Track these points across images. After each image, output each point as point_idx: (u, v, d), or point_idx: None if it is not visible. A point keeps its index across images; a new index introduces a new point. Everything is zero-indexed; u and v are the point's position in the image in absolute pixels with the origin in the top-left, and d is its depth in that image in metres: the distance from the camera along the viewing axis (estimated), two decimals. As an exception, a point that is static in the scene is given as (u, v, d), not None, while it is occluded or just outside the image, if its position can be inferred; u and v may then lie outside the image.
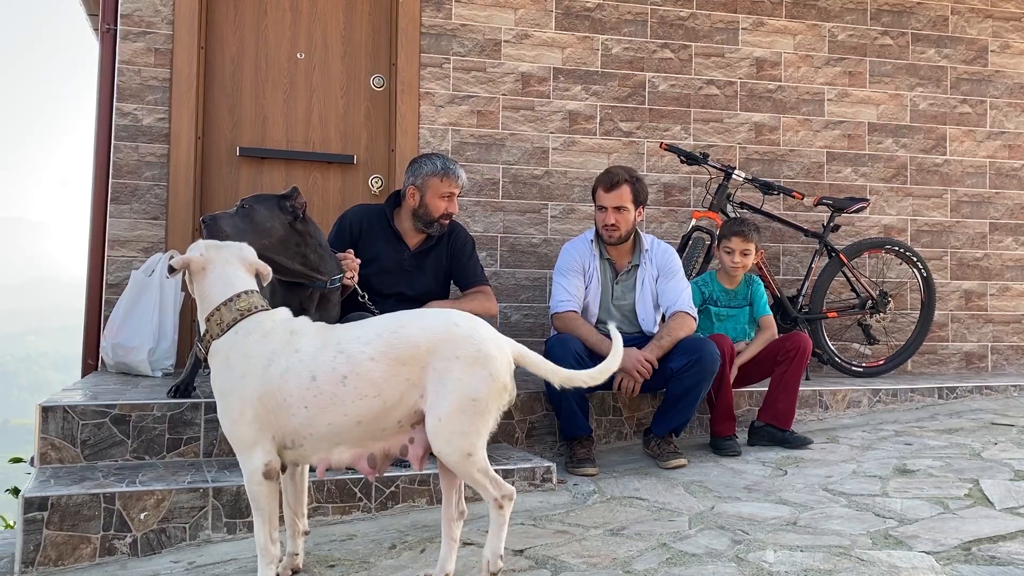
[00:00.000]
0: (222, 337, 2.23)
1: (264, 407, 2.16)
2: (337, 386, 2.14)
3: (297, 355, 2.18)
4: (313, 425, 2.16)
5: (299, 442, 2.19)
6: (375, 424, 2.17)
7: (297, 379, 2.16)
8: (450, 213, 3.51)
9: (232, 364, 2.21)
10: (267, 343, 2.21)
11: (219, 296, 2.26)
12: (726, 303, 4.08)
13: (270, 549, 2.22)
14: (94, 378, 4.02)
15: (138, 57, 4.39)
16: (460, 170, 3.53)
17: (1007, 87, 5.60)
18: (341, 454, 2.21)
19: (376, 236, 3.53)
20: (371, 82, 4.74)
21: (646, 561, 2.42)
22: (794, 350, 3.82)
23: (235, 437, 2.21)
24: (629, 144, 4.99)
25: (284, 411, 2.16)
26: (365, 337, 2.18)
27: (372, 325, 2.23)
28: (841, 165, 5.31)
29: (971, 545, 2.45)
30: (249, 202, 2.86)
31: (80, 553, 2.64)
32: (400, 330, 2.18)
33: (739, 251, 3.99)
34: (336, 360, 2.15)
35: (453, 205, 3.51)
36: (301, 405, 2.15)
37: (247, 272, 2.34)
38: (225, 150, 4.57)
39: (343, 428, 2.16)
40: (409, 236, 3.54)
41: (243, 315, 2.24)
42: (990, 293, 5.52)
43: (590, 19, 4.96)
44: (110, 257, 4.33)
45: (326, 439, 2.18)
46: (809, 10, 5.30)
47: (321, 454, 2.21)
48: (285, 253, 2.92)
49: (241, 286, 2.29)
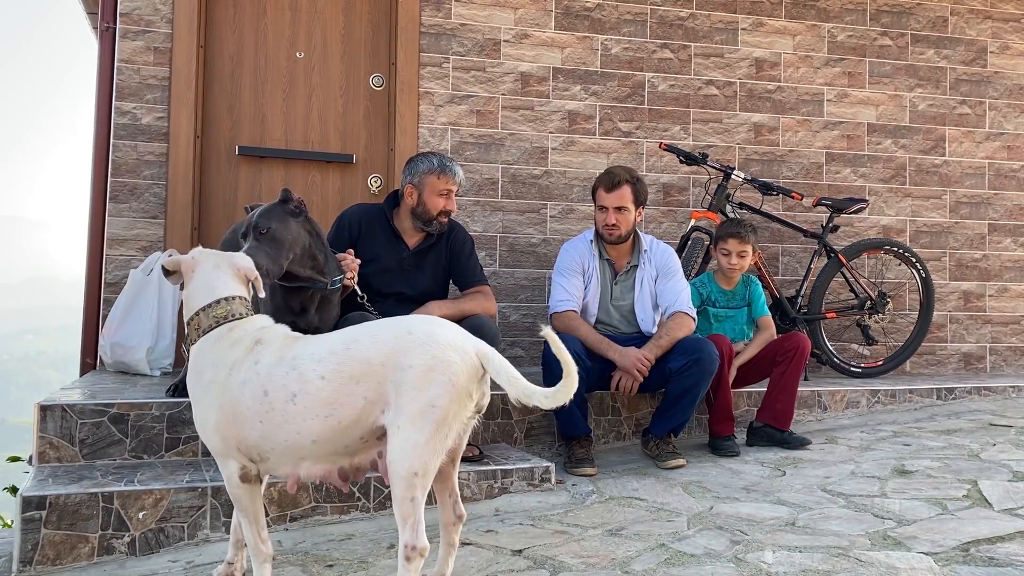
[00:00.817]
0: (197, 343, 2.22)
1: (225, 417, 2.12)
2: (288, 404, 2.06)
3: (255, 367, 2.11)
4: (271, 440, 2.09)
5: (263, 455, 2.13)
6: (334, 442, 2.08)
7: (252, 393, 2.09)
8: (448, 211, 3.51)
9: (201, 371, 2.18)
10: (233, 351, 2.15)
11: (200, 301, 2.24)
12: (724, 304, 4.09)
13: (260, 548, 2.20)
14: (92, 377, 4.01)
15: (137, 56, 4.39)
16: (457, 167, 3.53)
17: (1006, 88, 5.60)
18: (309, 468, 2.12)
19: (375, 235, 3.52)
20: (370, 81, 4.74)
21: (645, 561, 2.42)
22: (793, 350, 3.82)
23: (207, 443, 2.20)
24: (628, 144, 4.99)
25: (242, 424, 2.11)
26: (318, 354, 2.09)
27: (327, 341, 2.14)
28: (840, 166, 5.31)
29: (969, 546, 2.45)
30: (263, 224, 2.76)
31: (78, 552, 2.64)
32: (353, 346, 2.08)
33: (736, 252, 4.00)
34: (288, 377, 2.07)
35: (451, 203, 3.51)
36: (256, 420, 2.09)
37: (236, 279, 2.29)
38: (224, 149, 4.56)
39: (300, 445, 2.08)
40: (408, 235, 3.54)
41: (218, 322, 2.21)
42: (989, 294, 5.52)
43: (590, 19, 4.96)
44: (109, 256, 4.32)
45: (287, 454, 2.10)
46: (809, 10, 5.30)
47: (287, 468, 2.13)
48: (302, 261, 2.90)
49: (223, 292, 2.24)
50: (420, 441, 2.00)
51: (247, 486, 2.17)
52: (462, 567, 2.39)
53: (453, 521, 2.24)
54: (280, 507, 2.86)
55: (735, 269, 4.02)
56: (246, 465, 2.16)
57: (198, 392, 2.18)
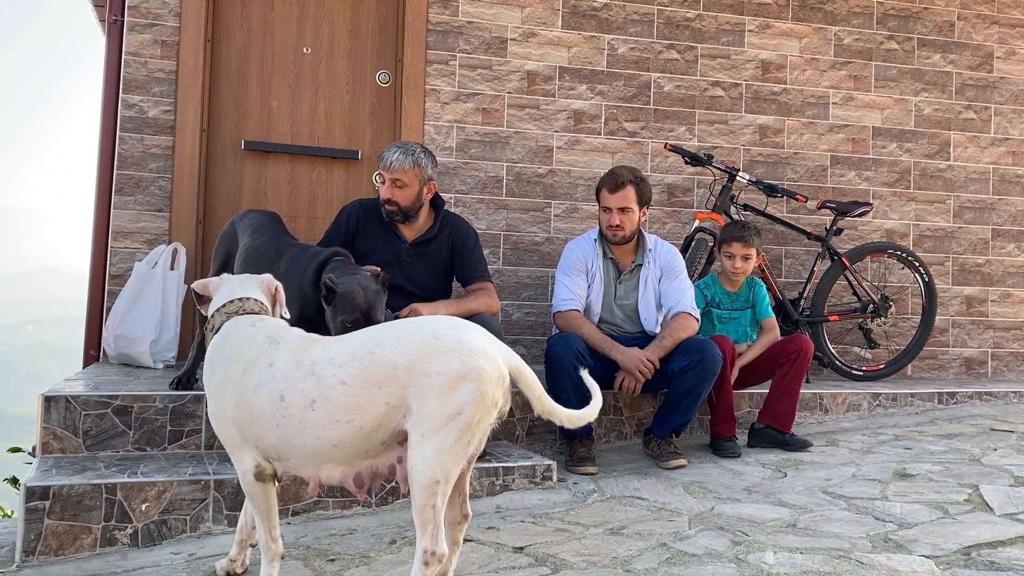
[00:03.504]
0: (212, 339, 2.23)
1: (241, 416, 2.11)
2: (306, 410, 2.03)
3: (270, 369, 2.09)
4: (290, 444, 2.07)
5: (283, 456, 2.11)
6: (356, 447, 2.05)
7: (268, 396, 2.07)
8: (384, 198, 3.43)
9: (215, 367, 2.18)
10: (246, 348, 2.14)
11: (219, 302, 2.26)
12: (728, 306, 4.09)
13: (271, 546, 2.20)
14: (96, 369, 4.02)
15: (144, 49, 4.39)
16: (391, 154, 3.39)
17: (1012, 93, 5.60)
18: (330, 471, 2.10)
19: (372, 229, 3.53)
20: (377, 78, 4.74)
21: (646, 560, 2.42)
22: (796, 352, 3.82)
23: (222, 438, 2.20)
24: (633, 144, 4.99)
25: (259, 426, 2.09)
26: (339, 359, 2.04)
27: (348, 344, 2.08)
28: (845, 169, 5.31)
29: (971, 550, 2.45)
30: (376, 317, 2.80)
31: (81, 543, 2.64)
32: (376, 350, 2.02)
33: (740, 256, 4.00)
34: (306, 383, 2.04)
35: (384, 190, 3.42)
36: (273, 423, 2.07)
37: (260, 289, 2.32)
38: (230, 143, 4.57)
39: (321, 450, 2.05)
40: (404, 229, 3.54)
41: (229, 317, 2.22)
42: (991, 299, 5.52)
43: (597, 19, 4.96)
44: (113, 248, 4.33)
45: (308, 458, 2.08)
46: (816, 13, 5.30)
47: (309, 470, 2.11)
48: None
49: (239, 293, 2.26)
50: (443, 448, 1.96)
51: (261, 484, 2.17)
52: (464, 563, 2.40)
53: (459, 520, 2.21)
54: (283, 501, 2.86)
55: (739, 272, 4.03)
56: (261, 463, 2.15)
57: (212, 387, 2.19)
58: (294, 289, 2.97)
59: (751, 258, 4.03)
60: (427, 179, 3.45)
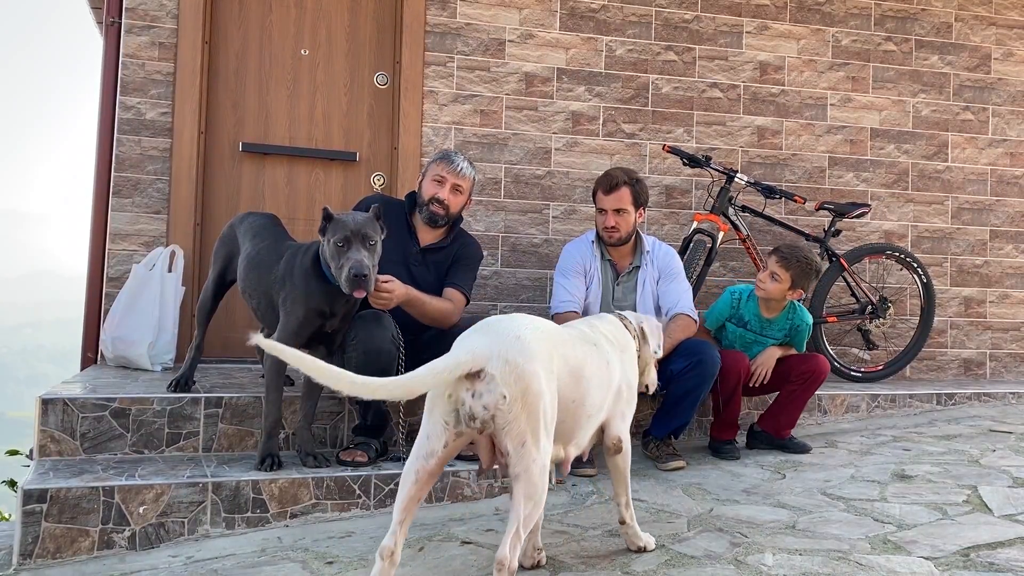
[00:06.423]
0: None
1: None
2: None
3: None
4: None
5: None
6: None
7: None
8: (439, 198, 3.46)
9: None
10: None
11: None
12: (757, 329, 3.85)
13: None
14: (93, 371, 4.01)
15: (142, 51, 4.39)
16: (461, 161, 3.49)
17: (1009, 95, 5.61)
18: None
19: (390, 227, 3.53)
20: (375, 80, 4.74)
21: (645, 562, 2.42)
22: (810, 374, 3.75)
23: None
24: (631, 146, 4.99)
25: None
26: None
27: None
28: (843, 170, 5.32)
29: (970, 551, 2.45)
30: (372, 237, 2.96)
31: (78, 546, 2.64)
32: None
33: (770, 272, 3.76)
34: None
35: (443, 190, 3.45)
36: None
37: None
38: (228, 146, 4.56)
39: None
40: (421, 232, 3.55)
41: None
42: (990, 300, 5.53)
43: (594, 20, 4.96)
44: (111, 251, 4.32)
45: None
46: (813, 15, 5.31)
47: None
48: None
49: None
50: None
51: None
52: (463, 566, 2.39)
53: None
54: (280, 503, 2.86)
55: (762, 289, 3.79)
56: None
57: None
58: (296, 281, 2.99)
59: (780, 280, 3.72)
60: (471, 194, 3.62)
